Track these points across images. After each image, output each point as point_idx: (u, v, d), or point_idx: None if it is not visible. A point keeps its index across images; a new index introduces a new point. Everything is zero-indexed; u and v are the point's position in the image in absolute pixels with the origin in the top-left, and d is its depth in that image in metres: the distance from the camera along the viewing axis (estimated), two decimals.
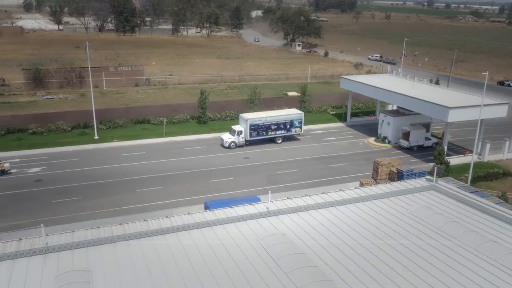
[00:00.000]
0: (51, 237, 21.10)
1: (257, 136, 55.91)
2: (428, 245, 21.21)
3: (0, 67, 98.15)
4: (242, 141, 55.29)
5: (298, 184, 45.57)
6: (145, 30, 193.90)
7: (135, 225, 22.30)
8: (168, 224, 22.18)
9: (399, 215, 24.00)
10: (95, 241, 20.58)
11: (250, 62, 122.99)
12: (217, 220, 22.67)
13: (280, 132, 57.07)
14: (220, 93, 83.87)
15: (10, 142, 54.67)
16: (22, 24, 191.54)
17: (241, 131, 55.13)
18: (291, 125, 57.53)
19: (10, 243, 20.52)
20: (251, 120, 55.15)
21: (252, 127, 55.23)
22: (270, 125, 56.25)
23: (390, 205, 25.22)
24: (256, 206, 24.48)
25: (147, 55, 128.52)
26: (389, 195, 26.33)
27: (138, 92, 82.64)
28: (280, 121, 56.78)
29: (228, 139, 54.96)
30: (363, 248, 20.76)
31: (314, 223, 23.04)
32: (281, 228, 22.50)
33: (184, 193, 42.79)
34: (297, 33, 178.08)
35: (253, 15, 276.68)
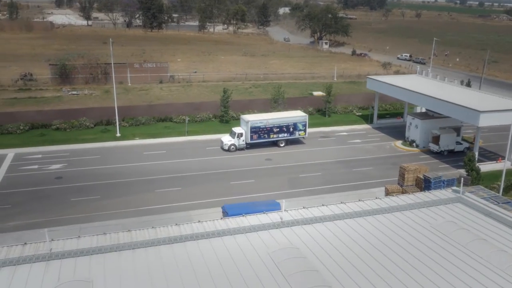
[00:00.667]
0: (56, 242, 20.45)
1: (259, 139, 53.61)
2: (451, 265, 19.66)
3: (29, 62, 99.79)
4: (242, 144, 53.02)
5: (320, 188, 44.19)
6: (172, 26, 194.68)
7: (142, 232, 21.45)
8: (177, 233, 21.23)
9: (422, 230, 22.43)
10: (100, 249, 19.82)
11: (275, 60, 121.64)
12: (227, 230, 21.64)
13: (283, 135, 54.70)
14: (244, 92, 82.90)
15: (33, 137, 54.98)
16: (52, 20, 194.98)
17: (241, 134, 52.79)
18: (295, 128, 55.10)
19: (15, 248, 20.00)
20: (252, 122, 52.89)
21: (253, 130, 52.95)
22: (272, 128, 53.88)
23: (413, 218, 23.63)
24: (269, 215, 23.39)
25: (172, 52, 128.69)
26: (412, 207, 24.73)
27: (162, 89, 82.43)
28: (283, 124, 54.45)
29: (228, 142, 52.82)
30: (381, 267, 19.35)
31: (330, 236, 21.73)
32: (294, 240, 21.27)
33: (203, 195, 41.97)
34: (324, 31, 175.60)
35: (281, 12, 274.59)
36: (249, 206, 33.69)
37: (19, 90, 77.26)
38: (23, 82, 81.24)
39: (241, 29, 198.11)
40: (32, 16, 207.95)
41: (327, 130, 63.14)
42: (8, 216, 36.88)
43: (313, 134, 61.06)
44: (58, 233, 34.15)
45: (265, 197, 41.57)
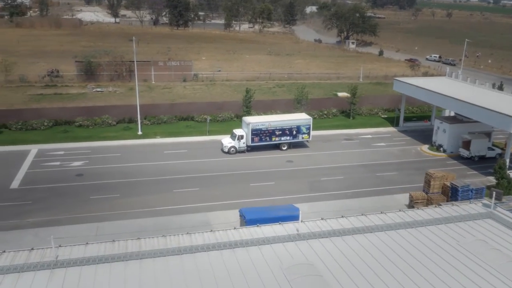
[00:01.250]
0: (63, 249, 20.08)
1: (260, 141, 52.00)
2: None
3: (57, 58, 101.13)
4: (243, 146, 51.56)
5: (342, 193, 43.01)
6: (198, 24, 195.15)
7: (152, 241, 20.84)
8: (187, 243, 20.56)
9: (449, 249, 20.95)
10: (107, 258, 19.30)
11: (300, 59, 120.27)
12: (240, 241, 20.79)
13: (285, 138, 52.92)
14: (268, 91, 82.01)
15: (56, 134, 55.41)
16: (81, 17, 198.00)
17: (242, 136, 51.31)
18: (298, 131, 53.20)
19: (21, 253, 19.70)
20: (253, 124, 51.24)
21: (254, 132, 51.32)
22: (274, 131, 52.15)
23: (439, 234, 22.13)
24: (285, 226, 22.41)
25: (198, 50, 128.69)
26: (438, 222, 23.22)
27: (185, 88, 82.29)
28: (285, 127, 52.64)
29: (227, 144, 51.39)
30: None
31: (349, 252, 20.52)
32: (310, 255, 20.16)
33: (221, 197, 41.35)
34: (352, 30, 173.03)
35: (308, 11, 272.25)
36: (267, 211, 32.93)
37: (46, 86, 78.30)
38: (50, 79, 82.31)
39: (267, 28, 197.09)
40: (62, 13, 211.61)
41: (351, 133, 61.74)
42: (28, 213, 37.04)
43: (336, 136, 59.89)
44: (74, 231, 34.25)
45: (284, 200, 40.71)
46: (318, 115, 66.77)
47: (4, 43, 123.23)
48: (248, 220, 31.10)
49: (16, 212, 37.01)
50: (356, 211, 38.75)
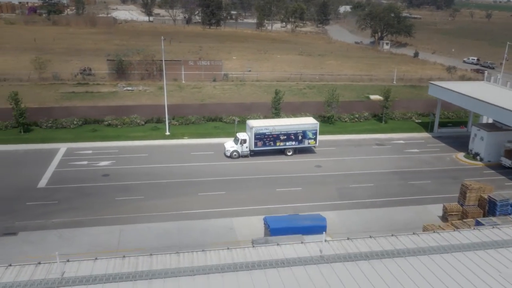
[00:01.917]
0: (70, 264, 19.35)
1: (264, 146, 50.24)
2: None
3: (90, 57, 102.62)
4: (246, 150, 49.92)
5: (371, 201, 41.39)
6: (230, 23, 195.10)
7: (164, 258, 19.80)
8: (201, 262, 19.30)
9: (488, 280, 18.91)
10: (114, 277, 18.36)
11: (332, 60, 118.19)
12: (258, 262, 19.24)
13: (290, 143, 50.96)
14: (298, 93, 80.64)
15: (85, 133, 55.74)
16: (116, 15, 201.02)
17: (245, 140, 49.65)
18: (304, 136, 51.12)
19: (26, 268, 19.05)
20: (256, 128, 49.59)
21: (257, 136, 49.63)
22: (278, 135, 50.25)
23: (477, 262, 20.03)
24: (307, 246, 20.90)
25: (229, 50, 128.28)
26: (477, 247, 21.07)
27: (215, 88, 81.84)
28: (290, 131, 50.70)
29: (230, 148, 49.84)
30: None
31: (376, 279, 18.82)
32: (334, 282, 18.57)
33: (247, 201, 40.46)
34: (386, 31, 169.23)
35: (341, 11, 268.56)
36: (292, 219, 31.81)
37: (78, 84, 79.31)
38: (82, 77, 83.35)
39: (299, 27, 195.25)
40: (98, 12, 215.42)
41: (383, 137, 59.79)
42: (53, 213, 37.10)
43: (367, 141, 58.10)
44: (98, 234, 34.04)
45: (311, 207, 39.46)
46: (349, 119, 65.06)
47: (40, 41, 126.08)
48: (272, 229, 30.08)
49: (42, 212, 37.13)
50: (385, 222, 37.43)
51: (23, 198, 39.37)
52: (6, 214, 36.79)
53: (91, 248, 32.43)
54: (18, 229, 34.56)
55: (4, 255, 31.23)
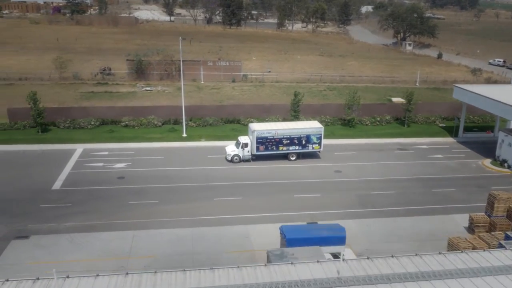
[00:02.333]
0: (70, 280, 18.37)
1: (266, 150, 48.65)
2: None
3: (111, 56, 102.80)
4: (247, 155, 48.46)
5: (393, 210, 39.74)
6: (251, 23, 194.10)
7: (169, 276, 18.70)
8: (209, 282, 18.09)
9: None
10: None
11: (353, 61, 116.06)
12: (269, 283, 17.85)
13: (293, 148, 49.26)
14: (318, 94, 79.07)
15: (102, 133, 55.34)
16: (138, 15, 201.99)
17: (246, 144, 48.15)
18: (308, 140, 49.36)
19: (24, 283, 18.21)
20: (258, 132, 48.03)
21: (259, 140, 48.08)
22: (281, 139, 48.62)
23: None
24: (324, 266, 19.47)
25: (249, 50, 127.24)
26: (510, 270, 19.39)
27: (234, 89, 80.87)
28: (294, 135, 48.96)
29: (231, 152, 48.44)
30: None
31: None
32: None
33: (263, 208, 39.27)
34: (409, 32, 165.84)
35: (363, 11, 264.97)
36: (310, 229, 30.51)
37: (97, 84, 79.30)
38: (102, 76, 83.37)
39: (320, 27, 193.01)
40: (120, 12, 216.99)
41: (405, 142, 57.86)
42: (66, 216, 36.56)
43: (389, 146, 56.26)
44: (110, 239, 33.29)
45: (330, 215, 38.07)
46: (370, 122, 63.25)
47: (63, 41, 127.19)
48: (288, 240, 28.82)
49: (55, 215, 36.63)
50: (408, 232, 35.78)
51: (37, 200, 38.98)
52: (19, 216, 36.41)
53: (102, 254, 31.71)
54: (30, 233, 34.08)
55: (15, 259, 30.81)
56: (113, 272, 28.97)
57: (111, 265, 30.47)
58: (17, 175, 43.85)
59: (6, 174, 43.87)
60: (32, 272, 29.39)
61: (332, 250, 29.45)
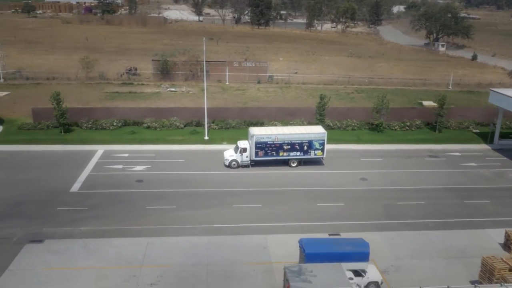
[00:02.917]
0: None
1: (265, 156, 46.51)
2: None
3: (138, 56, 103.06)
4: (246, 160, 46.54)
5: (422, 222, 37.49)
6: (279, 23, 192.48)
7: None
8: None
9: None
10: None
11: (383, 63, 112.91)
12: None
13: (294, 153, 46.90)
14: (345, 97, 76.79)
15: (124, 135, 54.85)
16: (167, 15, 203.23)
17: (245, 149, 46.27)
18: (310, 146, 46.89)
19: None
20: (257, 136, 46.01)
21: (258, 145, 46.03)
22: (282, 145, 46.34)
23: None
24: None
25: (276, 50, 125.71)
26: None
27: (259, 90, 79.42)
28: (295, 141, 46.64)
29: (229, 157, 46.60)
30: None
31: None
32: None
33: (284, 217, 37.66)
34: (442, 32, 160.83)
35: (395, 11, 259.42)
36: (330, 244, 28.73)
37: (122, 84, 79.24)
38: (127, 76, 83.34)
39: (350, 28, 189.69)
40: (150, 11, 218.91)
41: (436, 148, 55.15)
42: (82, 220, 35.87)
43: (419, 152, 53.69)
44: (124, 246, 32.37)
45: (353, 226, 36.16)
46: (399, 127, 60.72)
47: (92, 40, 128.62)
48: (307, 255, 27.14)
49: (71, 219, 36.00)
50: (437, 248, 33.56)
51: (54, 203, 38.50)
52: (36, 219, 35.95)
53: (114, 262, 30.78)
54: (45, 236, 33.51)
55: (27, 264, 30.23)
56: (123, 281, 28.30)
57: (122, 273, 29.56)
58: (37, 176, 43.60)
59: (27, 175, 43.67)
60: (43, 278, 28.85)
61: (354, 267, 27.71)
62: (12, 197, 39.16)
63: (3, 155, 48.32)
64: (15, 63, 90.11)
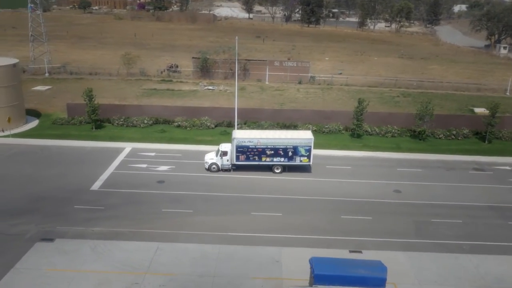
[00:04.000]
0: None
1: (247, 160, 44.12)
2: None
3: (182, 53, 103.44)
4: (227, 164, 44.38)
5: (456, 244, 33.96)
6: (330, 22, 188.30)
7: None
8: None
9: None
10: None
11: (436, 65, 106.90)
12: None
13: (278, 159, 44.18)
14: (390, 101, 72.79)
15: (153, 133, 54.32)
16: (218, 12, 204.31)
17: (225, 152, 44.14)
18: (295, 152, 44.04)
19: None
20: (238, 140, 43.68)
21: (239, 149, 43.70)
22: (264, 149, 43.77)
23: None
24: None
25: (323, 49, 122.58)
26: None
27: (299, 91, 76.96)
28: (279, 146, 43.86)
29: (209, 160, 44.55)
30: None
31: None
32: None
33: (303, 228, 35.34)
34: (505, 33, 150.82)
35: (455, 10, 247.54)
36: (344, 266, 26.14)
37: (162, 81, 79.29)
38: (168, 73, 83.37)
39: (404, 27, 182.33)
40: (202, 8, 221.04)
41: (483, 161, 50.61)
42: (96, 220, 35.25)
43: (463, 164, 49.46)
44: (133, 250, 31.37)
45: (378, 243, 33.36)
46: (444, 135, 56.41)
47: (140, 36, 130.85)
48: (316, 276, 24.84)
49: (85, 218, 35.47)
50: (470, 275, 30.15)
51: (73, 201, 38.21)
52: (52, 216, 35.73)
53: (120, 266, 29.75)
54: (57, 235, 33.09)
55: (34, 264, 29.81)
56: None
57: (126, 280, 28.50)
58: (62, 172, 43.65)
59: (52, 171, 43.84)
60: (46, 280, 28.28)
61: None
62: (33, 193, 39.27)
63: (34, 149, 48.96)
64: (63, 58, 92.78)
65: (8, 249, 31.15)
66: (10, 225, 34.14)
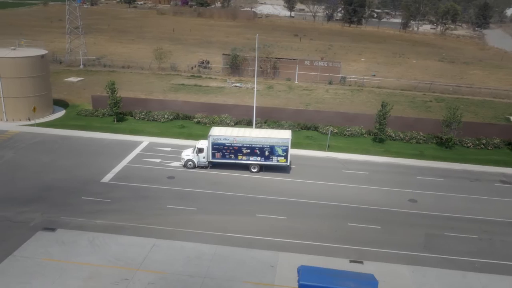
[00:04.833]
0: None
1: (222, 158, 43.49)
2: None
3: (217, 49, 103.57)
4: (203, 161, 43.80)
5: (467, 261, 31.96)
6: (373, 22, 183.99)
7: None
8: None
9: None
10: None
11: (478, 70, 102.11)
12: None
13: (254, 158, 43.27)
14: (421, 106, 69.99)
15: (173, 128, 54.50)
16: (260, 9, 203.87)
17: (201, 149, 43.62)
18: (272, 152, 43.01)
19: None
20: (214, 137, 43.07)
21: (215, 146, 43.08)
22: (240, 148, 42.98)
23: None
24: None
25: (360, 50, 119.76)
26: None
27: (327, 92, 75.36)
28: (255, 145, 42.92)
29: (185, 156, 44.11)
30: None
31: None
32: None
33: (306, 233, 34.27)
34: None
35: (508, 13, 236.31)
36: (332, 277, 25.04)
37: (191, 77, 79.69)
38: (198, 69, 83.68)
39: (450, 30, 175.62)
40: (244, 5, 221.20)
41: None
42: (100, 213, 35.56)
43: (490, 176, 46.78)
44: (129, 245, 31.40)
45: (381, 255, 31.88)
46: (472, 144, 53.59)
47: (178, 31, 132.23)
48: (300, 286, 23.95)
49: (89, 210, 35.86)
50: None
51: (82, 192, 38.75)
52: (59, 206, 36.33)
53: (113, 261, 29.82)
54: (60, 225, 33.59)
55: (31, 252, 30.33)
56: (113, 283, 27.18)
57: (116, 274, 28.56)
58: (77, 163, 44.40)
59: (68, 161, 44.67)
60: (39, 269, 28.69)
61: None
62: (46, 182, 40.12)
63: (55, 139, 50.15)
64: (100, 51, 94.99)
65: (11, 236, 31.87)
66: (17, 213, 34.96)
